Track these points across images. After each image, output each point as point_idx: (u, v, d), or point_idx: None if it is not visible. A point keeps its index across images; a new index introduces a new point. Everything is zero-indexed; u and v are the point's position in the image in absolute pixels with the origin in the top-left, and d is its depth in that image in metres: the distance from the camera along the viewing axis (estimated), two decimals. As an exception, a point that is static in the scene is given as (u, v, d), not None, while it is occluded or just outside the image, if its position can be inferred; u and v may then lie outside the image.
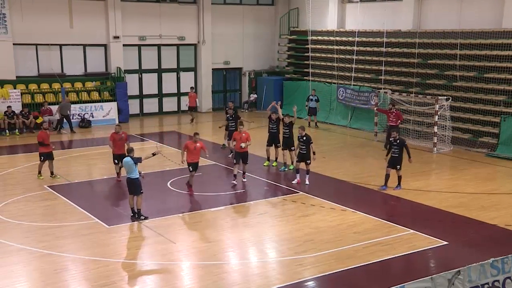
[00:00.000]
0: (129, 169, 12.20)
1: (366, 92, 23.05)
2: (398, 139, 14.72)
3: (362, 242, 11.08)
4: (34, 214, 12.84)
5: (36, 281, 9.54)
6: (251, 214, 12.88)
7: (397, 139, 14.73)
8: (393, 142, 14.71)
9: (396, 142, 14.63)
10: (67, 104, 22.73)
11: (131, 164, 12.16)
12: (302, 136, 14.96)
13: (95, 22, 24.82)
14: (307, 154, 15.01)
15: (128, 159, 12.25)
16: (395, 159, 14.60)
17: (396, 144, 14.61)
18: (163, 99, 27.50)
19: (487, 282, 8.04)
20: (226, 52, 28.47)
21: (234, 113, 18.20)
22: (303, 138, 14.95)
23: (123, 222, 12.27)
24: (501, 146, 18.52)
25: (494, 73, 19.29)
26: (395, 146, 14.64)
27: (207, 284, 9.45)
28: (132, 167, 12.15)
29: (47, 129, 15.96)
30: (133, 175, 12.19)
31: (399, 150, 14.59)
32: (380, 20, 23.48)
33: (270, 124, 16.97)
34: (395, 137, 14.80)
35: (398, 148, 14.60)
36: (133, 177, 12.19)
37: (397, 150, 14.63)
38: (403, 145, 14.64)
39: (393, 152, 14.65)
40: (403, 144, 14.64)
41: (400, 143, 14.62)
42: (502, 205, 13.55)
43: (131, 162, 12.17)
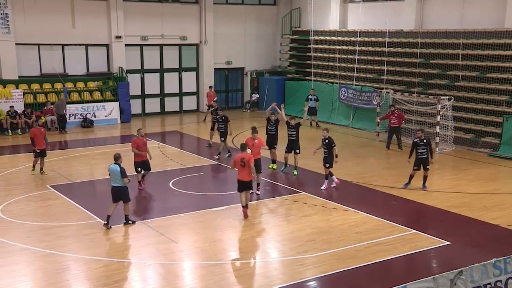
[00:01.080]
0: (114, 177, 11.63)
1: (368, 92, 23.03)
2: (424, 139, 14.19)
3: (364, 242, 11.07)
4: (36, 213, 12.86)
5: (38, 281, 9.56)
6: (253, 214, 12.87)
7: (423, 138, 14.18)
8: (419, 142, 14.15)
9: (423, 142, 14.13)
10: (62, 103, 22.61)
11: (117, 173, 11.55)
12: (326, 138, 14.45)
13: (97, 22, 24.84)
14: (329, 158, 14.43)
15: (116, 168, 11.61)
16: (422, 159, 14.13)
17: (423, 144, 14.10)
18: (165, 99, 27.51)
19: (490, 283, 8.03)
20: (228, 52, 28.48)
21: (219, 114, 18.02)
22: (326, 140, 14.44)
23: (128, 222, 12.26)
24: (504, 146, 18.49)
25: (496, 73, 19.25)
26: (422, 146, 14.08)
27: (209, 283, 9.46)
28: (118, 176, 11.55)
29: (42, 127, 16.57)
30: (120, 183, 11.62)
31: (426, 150, 14.11)
32: (382, 20, 23.44)
33: (269, 125, 16.64)
34: (420, 137, 14.21)
35: (426, 147, 14.10)
36: (120, 185, 11.64)
37: (424, 150, 14.12)
38: (429, 144, 14.20)
39: (420, 153, 14.12)
40: (429, 143, 14.21)
41: (427, 143, 14.16)
42: (505, 205, 13.52)
43: (118, 171, 11.55)
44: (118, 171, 11.51)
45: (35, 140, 15.81)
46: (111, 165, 11.71)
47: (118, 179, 11.56)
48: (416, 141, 14.31)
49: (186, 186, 15.04)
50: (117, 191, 11.71)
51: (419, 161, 14.24)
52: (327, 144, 14.43)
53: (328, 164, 14.46)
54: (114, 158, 11.78)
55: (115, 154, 11.91)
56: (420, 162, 14.24)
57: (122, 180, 11.55)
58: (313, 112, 23.59)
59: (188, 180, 15.70)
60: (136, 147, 14.21)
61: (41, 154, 15.96)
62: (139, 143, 14.25)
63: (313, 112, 23.60)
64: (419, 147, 14.16)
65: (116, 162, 11.66)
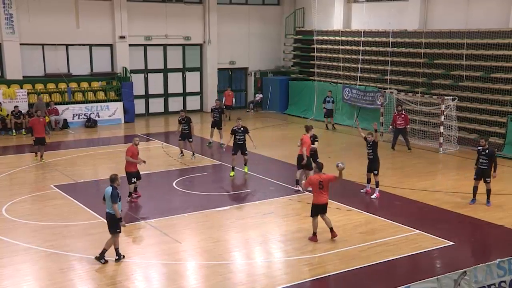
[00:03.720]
0: (107, 202, 10.10)
1: (372, 92, 22.99)
2: (487, 149, 13.03)
3: (368, 242, 11.06)
4: (41, 213, 12.90)
5: (43, 280, 9.59)
6: (257, 214, 12.88)
7: (486, 148, 13.03)
8: (481, 151, 13.09)
9: (485, 152, 13.05)
10: (41, 103, 22.22)
11: (109, 196, 10.00)
12: (369, 142, 13.72)
13: (101, 22, 24.89)
14: (375, 163, 13.70)
15: (109, 190, 10.05)
16: (483, 170, 13.10)
17: (485, 154, 13.04)
18: (169, 99, 27.55)
19: (494, 283, 8.01)
20: (231, 52, 28.49)
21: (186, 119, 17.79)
22: (370, 143, 13.75)
23: (129, 222, 12.28)
24: (508, 146, 18.43)
25: (501, 73, 19.20)
26: (483, 156, 13.05)
27: (213, 283, 9.47)
28: (109, 201, 10.00)
29: (39, 117, 17.46)
30: (110, 209, 10.09)
31: (487, 161, 13.02)
32: (386, 20, 23.41)
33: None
34: (484, 146, 13.06)
35: (486, 159, 13.03)
36: (110, 212, 10.10)
37: (485, 161, 13.03)
38: (492, 156, 13.06)
39: (481, 164, 13.10)
40: (492, 155, 13.06)
41: (490, 154, 13.03)
42: (509, 206, 13.49)
43: (109, 195, 9.99)
44: (109, 194, 9.98)
45: (34, 129, 17.18)
46: (107, 187, 10.20)
47: (110, 205, 10.05)
48: (479, 150, 13.26)
49: (189, 186, 15.07)
50: (107, 218, 10.19)
51: (479, 171, 13.23)
52: (372, 147, 13.78)
53: (376, 171, 13.77)
54: (110, 180, 10.23)
55: (111, 176, 10.32)
56: (479, 172, 13.21)
57: (112, 205, 9.96)
58: (330, 114, 23.42)
59: (191, 180, 15.73)
60: (131, 155, 13.39)
61: (40, 142, 17.19)
62: (134, 151, 13.46)
63: (330, 114, 23.43)
64: (481, 156, 13.12)
65: (112, 184, 10.15)
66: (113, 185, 10.18)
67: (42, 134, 17.18)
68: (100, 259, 10.11)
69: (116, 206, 9.98)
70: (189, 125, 17.68)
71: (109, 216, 10.16)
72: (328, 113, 23.40)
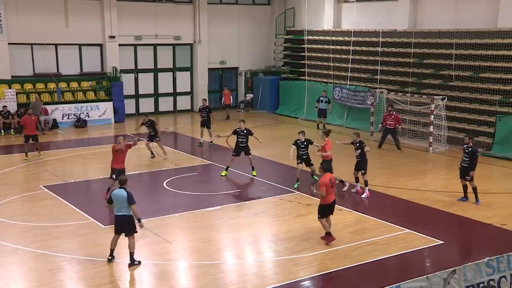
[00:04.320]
0: (120, 204, 9.93)
1: (362, 92, 23.08)
2: (470, 147, 13.18)
3: (358, 242, 11.10)
4: (30, 214, 12.80)
5: (32, 281, 9.52)
6: (248, 214, 12.88)
7: (469, 146, 13.18)
8: (465, 149, 13.30)
9: (468, 150, 13.23)
10: (38, 104, 22.15)
11: (123, 199, 9.86)
12: (356, 142, 13.95)
13: (90, 21, 24.75)
14: (362, 162, 13.90)
15: (121, 193, 9.92)
16: (464, 168, 13.32)
17: (467, 152, 13.22)
18: (159, 99, 27.46)
19: (483, 281, 8.08)
20: (222, 51, 28.46)
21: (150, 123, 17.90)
22: (357, 144, 13.94)
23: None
24: (496, 146, 18.58)
25: (489, 72, 19.35)
26: (466, 154, 13.24)
27: (204, 283, 9.45)
28: (125, 203, 9.87)
29: (31, 115, 17.71)
30: (125, 211, 9.92)
31: (468, 159, 13.19)
32: (376, 20, 23.50)
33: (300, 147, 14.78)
34: (468, 144, 13.20)
35: (468, 157, 13.20)
36: (125, 214, 9.92)
37: (467, 159, 13.19)
38: (474, 154, 13.20)
39: (463, 161, 13.31)
40: (474, 153, 13.20)
41: (471, 152, 13.18)
42: (498, 205, 13.60)
43: (124, 197, 9.86)
44: (124, 197, 9.85)
45: (25, 127, 17.43)
46: (116, 190, 10.06)
47: (125, 207, 9.91)
48: (463, 148, 13.52)
49: (180, 186, 15.03)
50: (121, 221, 9.99)
51: (462, 169, 13.43)
52: (359, 147, 13.91)
53: (363, 170, 13.86)
54: (120, 182, 10.13)
55: (121, 178, 10.32)
56: (463, 170, 13.43)
57: (129, 207, 9.88)
58: (323, 114, 23.40)
59: (182, 180, 15.69)
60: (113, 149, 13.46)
61: (33, 139, 17.56)
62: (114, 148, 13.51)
63: (323, 114, 23.41)
64: (464, 154, 13.36)
65: (122, 186, 10.03)
66: (123, 187, 10.03)
67: (34, 132, 17.61)
68: (133, 263, 9.98)
69: (135, 207, 9.90)
70: (153, 128, 17.86)
71: (124, 218, 9.93)
72: (321, 113, 23.43)
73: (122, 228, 10.05)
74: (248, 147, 15.96)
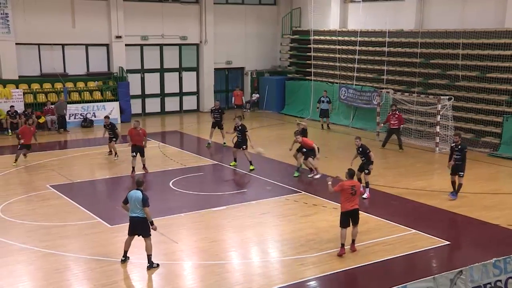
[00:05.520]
0: (135, 206, 9.85)
1: (368, 92, 23.03)
2: (459, 144, 13.65)
3: (364, 242, 11.07)
4: (37, 213, 12.86)
5: (38, 281, 9.56)
6: (253, 214, 12.88)
7: (458, 144, 13.65)
8: (455, 147, 13.71)
9: (458, 147, 13.66)
10: (62, 104, 22.65)
11: (138, 200, 9.78)
12: (359, 146, 13.87)
13: (97, 21, 24.84)
14: (367, 163, 13.82)
15: (137, 194, 9.84)
16: (457, 165, 13.69)
17: (458, 150, 13.64)
18: (165, 99, 27.51)
19: (489, 282, 8.04)
20: (228, 51, 28.48)
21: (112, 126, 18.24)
22: (360, 149, 13.88)
23: (125, 222, 12.23)
24: (504, 146, 18.48)
25: (496, 72, 19.25)
26: (457, 151, 13.65)
27: (209, 283, 9.46)
28: (139, 204, 9.79)
29: (31, 125, 17.57)
30: (140, 213, 9.86)
31: (461, 156, 13.62)
32: (382, 20, 23.43)
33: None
34: (456, 142, 13.69)
35: (460, 154, 13.62)
36: (139, 215, 9.87)
37: (459, 156, 13.63)
38: (464, 150, 13.66)
39: (455, 159, 13.68)
40: (464, 149, 13.67)
41: (462, 148, 13.64)
42: (505, 205, 13.53)
43: (139, 199, 9.77)
44: (139, 199, 9.75)
45: (23, 136, 17.12)
46: (132, 191, 9.98)
47: (139, 208, 9.83)
48: (452, 146, 13.91)
49: (186, 186, 15.05)
50: (135, 223, 9.91)
51: (454, 167, 13.79)
52: (362, 152, 13.87)
53: (367, 170, 13.82)
54: (137, 184, 10.07)
55: (138, 179, 10.31)
56: (455, 167, 13.77)
57: (143, 209, 9.80)
58: (325, 114, 23.36)
59: (188, 180, 15.71)
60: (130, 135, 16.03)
61: (27, 148, 17.41)
62: (133, 133, 16.00)
63: (325, 115, 23.37)
64: (455, 152, 13.72)
65: (139, 188, 9.97)
66: (140, 188, 9.95)
67: (29, 142, 17.41)
68: (151, 266, 9.92)
69: (148, 210, 9.82)
70: (114, 131, 18.11)
71: (138, 220, 9.86)
72: (323, 113, 23.39)
73: (136, 229, 9.96)
74: (244, 142, 16.76)
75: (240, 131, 16.84)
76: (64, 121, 22.80)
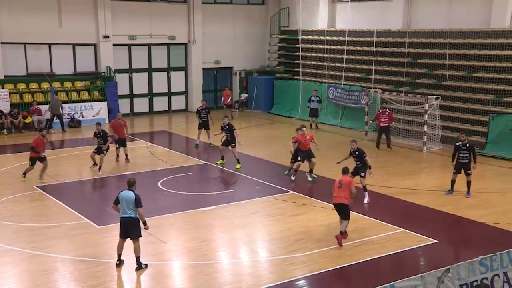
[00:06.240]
0: (127, 206, 9.73)
1: (357, 92, 23.13)
2: (467, 143, 13.76)
3: (353, 241, 11.12)
4: (23, 214, 12.74)
5: (25, 282, 9.47)
6: (242, 214, 12.88)
7: (466, 143, 13.76)
8: (461, 146, 13.77)
9: (466, 146, 13.73)
10: (57, 103, 22.54)
11: (131, 201, 9.69)
12: (355, 150, 13.62)
13: (84, 21, 24.66)
14: (362, 167, 13.61)
15: (130, 195, 9.75)
16: (464, 164, 13.81)
17: (466, 149, 13.73)
18: (154, 99, 27.41)
19: (476, 280, 8.11)
20: (216, 51, 28.43)
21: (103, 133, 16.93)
22: (356, 152, 13.60)
23: (114, 222, 12.18)
24: (490, 145, 18.67)
25: (482, 72, 19.43)
26: (465, 150, 13.74)
27: (198, 283, 9.44)
28: (132, 205, 9.69)
29: (44, 136, 15.36)
30: (132, 213, 9.76)
31: (468, 155, 13.75)
32: (370, 20, 23.56)
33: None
34: (463, 141, 13.80)
35: (468, 152, 13.74)
36: (131, 216, 9.75)
37: (466, 155, 13.75)
38: (473, 149, 13.82)
39: (462, 158, 13.80)
40: (472, 147, 13.85)
41: (470, 147, 13.79)
42: (491, 204, 13.67)
43: (132, 200, 9.68)
44: (132, 199, 9.67)
45: (37, 149, 15.05)
46: (124, 191, 9.85)
47: (132, 209, 9.73)
48: (458, 145, 13.92)
49: (175, 186, 15.01)
50: (126, 223, 9.79)
51: (459, 165, 13.92)
52: (358, 156, 13.64)
53: (363, 173, 13.61)
54: (129, 184, 9.94)
55: (129, 179, 10.08)
56: (461, 166, 13.91)
57: (136, 210, 9.73)
58: (315, 114, 23.41)
59: (177, 180, 15.67)
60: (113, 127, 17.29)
61: (40, 160, 15.22)
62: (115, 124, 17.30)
63: (315, 114, 23.42)
64: (461, 151, 13.83)
65: (131, 188, 9.86)
66: (131, 188, 9.85)
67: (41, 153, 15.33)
68: (140, 267, 9.84)
69: (142, 210, 9.75)
70: (105, 140, 16.39)
71: (129, 220, 9.75)
72: (313, 113, 23.44)
73: (128, 230, 9.82)
74: (232, 140, 16.82)
75: (228, 130, 16.92)
76: (61, 120, 22.57)
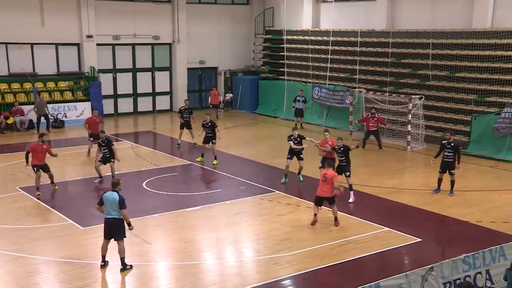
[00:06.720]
0: (111, 207, 9.65)
1: (341, 91, 23.25)
2: (452, 142, 13.85)
3: (338, 240, 11.18)
4: (6, 216, 12.58)
5: (9, 285, 9.35)
6: (228, 214, 12.87)
7: (451, 141, 13.84)
8: (447, 144, 13.84)
9: (450, 145, 13.80)
10: (42, 103, 22.23)
11: (115, 202, 9.60)
12: (340, 147, 13.68)
13: (67, 20, 24.42)
14: (347, 166, 13.69)
15: (114, 196, 9.65)
16: (448, 163, 13.85)
17: (451, 147, 13.78)
18: (138, 99, 27.24)
19: (459, 278, 8.21)
20: (201, 51, 28.36)
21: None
22: (341, 149, 13.67)
23: (98, 223, 12.07)
24: (472, 144, 18.90)
25: (465, 72, 19.66)
26: (449, 149, 13.80)
27: (184, 284, 9.42)
28: (116, 206, 9.62)
29: (44, 143, 14.30)
30: (116, 214, 9.68)
31: (453, 154, 13.78)
32: (354, 20, 23.70)
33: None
34: (448, 139, 13.88)
35: (453, 151, 13.77)
36: (115, 217, 9.68)
37: (451, 153, 13.78)
38: (457, 148, 13.84)
39: (447, 157, 13.83)
40: (457, 147, 13.86)
41: (455, 146, 13.82)
42: (473, 202, 13.84)
43: (116, 201, 9.59)
44: (116, 200, 9.60)
45: (33, 155, 13.96)
46: (108, 192, 9.76)
47: (115, 210, 9.65)
48: (443, 143, 14.00)
49: (159, 186, 14.94)
50: (110, 224, 9.72)
51: (444, 164, 13.96)
52: (344, 152, 13.66)
53: (348, 172, 13.65)
54: (113, 185, 9.86)
55: (113, 180, 10.08)
56: (445, 165, 13.95)
57: (119, 211, 9.63)
58: (300, 113, 23.40)
59: (161, 181, 15.60)
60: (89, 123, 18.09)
61: (43, 169, 14.19)
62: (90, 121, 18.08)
63: (300, 114, 23.41)
64: (446, 149, 13.88)
65: (115, 189, 9.77)
66: (116, 189, 9.75)
67: (42, 162, 14.14)
68: (125, 268, 9.78)
69: (126, 212, 9.66)
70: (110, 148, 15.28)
71: (114, 221, 9.68)
72: (298, 113, 23.49)
73: (112, 231, 9.76)
74: (213, 137, 17.03)
75: (210, 127, 17.00)
76: (47, 120, 22.34)
